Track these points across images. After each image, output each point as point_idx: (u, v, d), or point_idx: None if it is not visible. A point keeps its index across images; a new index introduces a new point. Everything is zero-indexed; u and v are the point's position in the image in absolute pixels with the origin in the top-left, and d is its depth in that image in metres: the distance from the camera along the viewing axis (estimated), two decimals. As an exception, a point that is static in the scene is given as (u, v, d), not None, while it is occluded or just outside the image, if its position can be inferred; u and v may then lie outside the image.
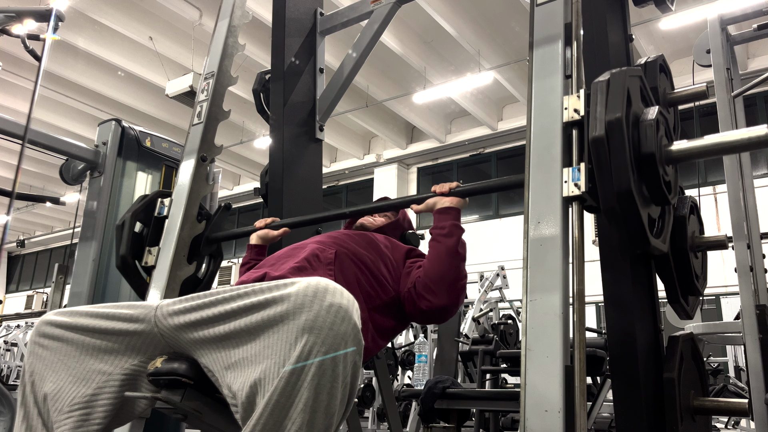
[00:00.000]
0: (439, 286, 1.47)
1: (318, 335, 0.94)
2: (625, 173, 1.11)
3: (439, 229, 1.52)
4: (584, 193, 1.19)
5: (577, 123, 1.25)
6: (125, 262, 1.96)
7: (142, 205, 2.03)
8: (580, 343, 1.10)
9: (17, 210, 16.51)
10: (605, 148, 1.13)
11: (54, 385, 1.15)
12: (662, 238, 1.29)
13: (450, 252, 1.49)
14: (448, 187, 1.56)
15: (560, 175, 1.23)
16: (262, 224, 1.89)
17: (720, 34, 2.81)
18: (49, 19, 2.01)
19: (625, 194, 1.12)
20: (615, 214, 1.15)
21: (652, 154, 1.18)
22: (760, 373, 2.37)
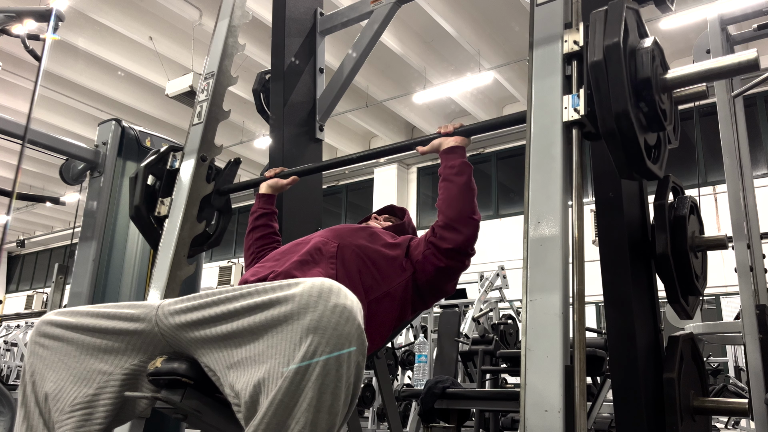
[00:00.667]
0: (459, 221, 1.51)
1: (323, 335, 0.94)
2: (623, 95, 1.16)
3: (449, 168, 1.55)
4: (583, 117, 1.24)
5: (576, 54, 1.30)
6: (139, 213, 2.04)
7: (155, 159, 2.11)
8: (580, 343, 1.10)
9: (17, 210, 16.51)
10: (603, 72, 1.18)
11: (55, 384, 1.15)
12: (658, 165, 1.32)
13: (464, 188, 1.53)
14: (453, 127, 1.59)
15: (560, 175, 1.23)
16: (271, 173, 1.95)
17: (720, 34, 2.81)
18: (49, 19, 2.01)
19: (623, 115, 1.16)
20: (613, 136, 1.19)
21: (648, 79, 1.22)
22: (760, 373, 2.37)
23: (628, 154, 1.21)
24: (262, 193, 1.95)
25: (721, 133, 2.67)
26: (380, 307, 1.48)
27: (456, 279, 1.60)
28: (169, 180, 2.09)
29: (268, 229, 1.93)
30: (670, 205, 1.52)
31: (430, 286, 1.56)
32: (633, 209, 1.54)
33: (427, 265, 1.53)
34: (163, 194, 2.08)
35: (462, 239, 1.51)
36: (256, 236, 1.91)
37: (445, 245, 1.50)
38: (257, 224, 1.92)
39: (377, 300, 1.48)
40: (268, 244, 1.90)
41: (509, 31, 9.18)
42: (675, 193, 1.61)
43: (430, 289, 1.58)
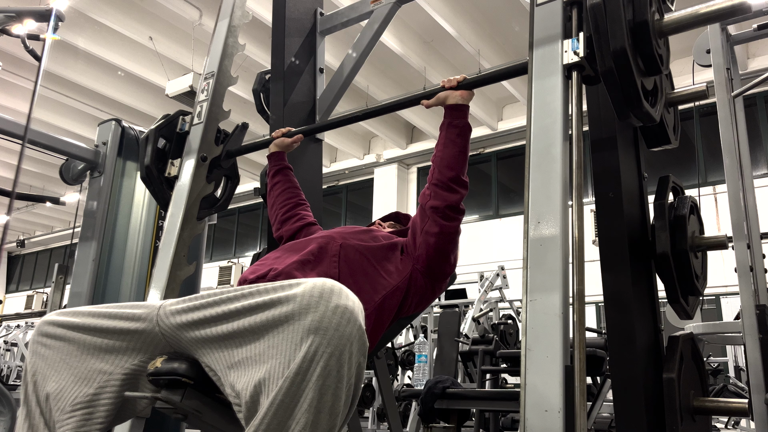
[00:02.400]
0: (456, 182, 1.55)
1: (324, 336, 0.94)
2: (621, 34, 1.21)
3: (453, 128, 1.58)
4: (583, 59, 1.28)
5: (576, 2, 1.34)
6: (150, 173, 2.12)
7: (165, 122, 2.18)
8: (580, 343, 1.10)
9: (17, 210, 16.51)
10: (602, 13, 1.23)
11: (56, 384, 1.16)
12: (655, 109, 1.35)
13: (462, 151, 1.57)
14: (457, 81, 1.61)
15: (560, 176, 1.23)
16: (278, 134, 2.03)
17: (720, 34, 2.81)
18: (49, 19, 2.01)
19: (621, 54, 1.21)
20: (612, 75, 1.23)
21: (645, 22, 1.27)
22: (760, 373, 2.36)
23: (625, 95, 1.25)
24: (272, 152, 2.03)
25: (721, 133, 2.67)
26: (385, 302, 1.48)
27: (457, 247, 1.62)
28: (179, 142, 2.16)
29: (287, 183, 1.99)
30: (670, 205, 1.52)
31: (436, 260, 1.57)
32: (633, 209, 1.54)
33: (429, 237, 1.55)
34: (173, 156, 2.15)
35: (457, 198, 1.55)
36: (277, 192, 1.97)
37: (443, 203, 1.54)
38: (276, 181, 1.99)
39: (387, 296, 1.48)
40: (290, 199, 1.95)
41: (509, 31, 9.18)
42: (675, 193, 1.61)
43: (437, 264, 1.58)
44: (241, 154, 2.16)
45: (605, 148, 1.55)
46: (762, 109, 9.33)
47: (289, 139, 2.02)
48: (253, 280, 1.42)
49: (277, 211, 1.93)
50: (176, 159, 2.14)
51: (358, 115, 1.88)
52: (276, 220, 1.93)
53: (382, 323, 1.49)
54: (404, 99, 1.76)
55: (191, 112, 2.20)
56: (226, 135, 2.20)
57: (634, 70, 1.23)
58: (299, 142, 2.05)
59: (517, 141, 11.07)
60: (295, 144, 2.05)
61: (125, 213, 2.77)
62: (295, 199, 1.95)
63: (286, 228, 1.90)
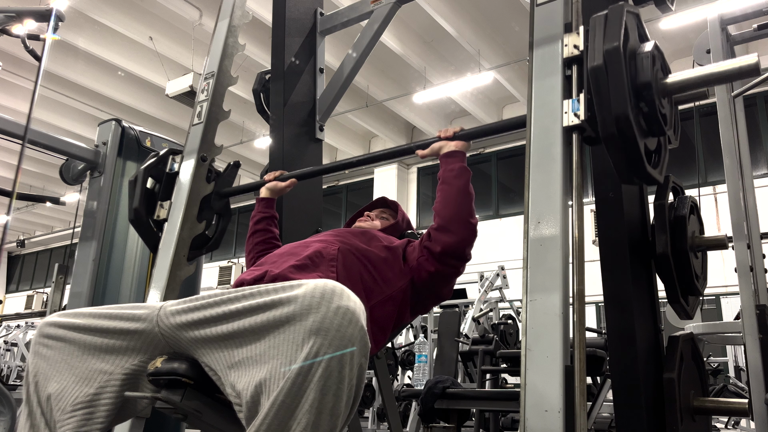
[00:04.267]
0: (454, 223, 1.50)
1: (325, 337, 0.94)
2: (623, 99, 1.15)
3: (448, 172, 1.54)
4: (584, 122, 1.23)
5: (576, 58, 1.29)
6: (138, 216, 2.03)
7: (155, 162, 2.09)
8: (580, 343, 1.10)
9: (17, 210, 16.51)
10: (604, 76, 1.17)
11: (58, 384, 1.16)
12: (658, 170, 1.32)
13: (461, 192, 1.52)
14: (453, 132, 1.58)
15: (560, 176, 1.23)
16: (271, 177, 1.94)
17: (720, 34, 2.81)
18: (49, 19, 2.01)
19: (623, 119, 1.15)
20: (613, 140, 1.18)
21: (648, 83, 1.21)
22: (760, 373, 2.36)
23: (628, 159, 1.20)
24: (261, 197, 1.95)
25: (721, 133, 2.67)
26: (382, 310, 1.48)
27: (452, 283, 1.61)
28: (169, 183, 2.07)
29: (268, 233, 1.93)
30: (670, 205, 1.52)
31: (427, 292, 1.57)
32: (633, 209, 1.54)
33: (422, 271, 1.53)
34: (163, 197, 2.06)
35: (455, 241, 1.50)
36: (256, 240, 1.91)
37: (438, 248, 1.50)
38: (257, 228, 1.92)
39: (380, 303, 1.47)
40: (268, 249, 1.89)
41: (509, 31, 9.18)
42: (675, 193, 1.61)
43: (427, 295, 1.58)
44: (232, 195, 2.09)
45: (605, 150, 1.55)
46: (762, 109, 9.33)
47: (283, 184, 1.93)
48: (250, 281, 1.42)
49: (253, 255, 1.90)
50: (165, 201, 2.04)
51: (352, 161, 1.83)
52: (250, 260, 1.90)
53: (381, 329, 1.48)
54: (400, 148, 1.74)
55: (181, 151, 2.11)
56: (218, 174, 2.10)
57: (637, 134, 1.18)
58: (293, 186, 1.95)
59: (517, 141, 11.07)
60: (288, 188, 1.95)
61: (125, 213, 2.76)
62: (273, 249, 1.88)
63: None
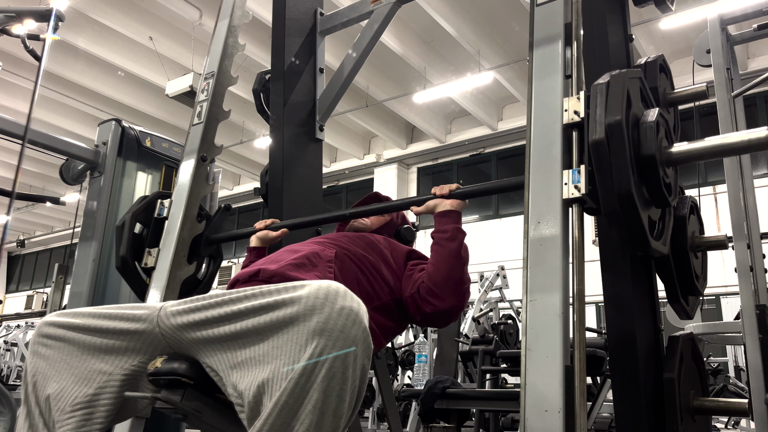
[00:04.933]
0: (443, 289, 1.46)
1: (329, 338, 0.94)
2: (626, 175, 1.11)
3: (441, 233, 1.51)
4: (584, 195, 1.19)
5: (577, 125, 1.25)
6: (125, 263, 1.96)
7: (142, 206, 2.03)
8: (580, 343, 1.10)
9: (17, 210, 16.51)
10: (605, 151, 1.12)
11: (57, 384, 1.16)
12: (662, 240, 1.29)
13: (453, 255, 1.48)
14: (448, 189, 1.55)
15: (560, 175, 1.23)
16: (261, 225, 1.88)
17: (720, 34, 2.81)
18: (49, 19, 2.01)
19: (626, 196, 1.12)
20: (616, 216, 1.15)
21: (652, 156, 1.18)
22: (760, 373, 2.37)
23: (630, 234, 1.17)
24: (252, 246, 1.87)
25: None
26: (376, 316, 1.47)
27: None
28: (157, 228, 2.01)
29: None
30: (670, 205, 1.52)
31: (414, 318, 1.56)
32: (633, 209, 1.53)
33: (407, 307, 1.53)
34: (151, 244, 1.99)
35: (445, 308, 1.47)
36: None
37: (427, 309, 1.48)
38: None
39: (374, 309, 1.47)
40: None
41: (509, 31, 9.18)
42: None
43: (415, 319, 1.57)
44: (222, 242, 2.06)
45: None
46: (762, 109, 9.33)
47: (274, 233, 1.86)
48: (245, 280, 1.41)
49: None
50: (153, 248, 1.97)
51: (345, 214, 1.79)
52: None
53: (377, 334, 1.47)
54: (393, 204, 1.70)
55: (170, 195, 2.05)
56: (208, 218, 2.05)
57: (640, 208, 1.14)
58: (284, 236, 1.87)
59: (517, 141, 11.07)
60: (279, 238, 1.87)
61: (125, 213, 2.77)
62: None
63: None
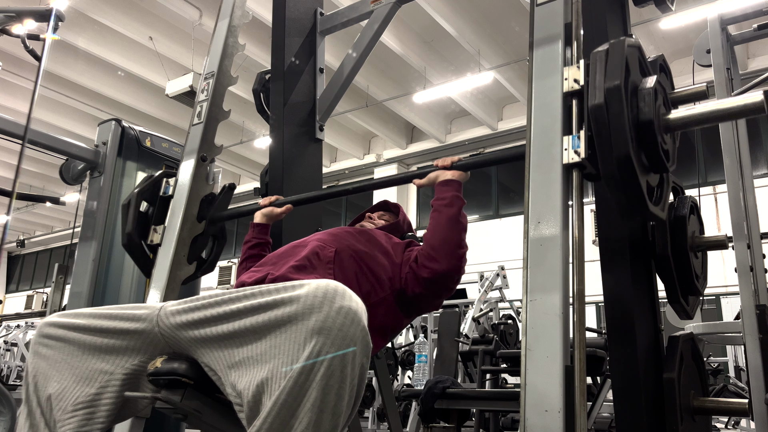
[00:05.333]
0: (441, 252, 1.47)
1: (327, 337, 0.95)
2: (624, 139, 1.13)
3: (440, 200, 1.53)
4: (584, 159, 1.21)
5: (576, 93, 1.27)
6: (131, 240, 1.99)
7: (148, 185, 2.06)
8: (580, 343, 1.10)
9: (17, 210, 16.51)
10: (604, 115, 1.15)
11: (58, 384, 1.16)
12: (661, 206, 1.30)
13: (451, 220, 1.50)
14: (450, 161, 1.57)
15: (560, 176, 1.23)
16: (266, 202, 1.91)
17: (720, 34, 2.81)
18: (49, 19, 2.01)
19: (624, 159, 1.14)
20: (614, 179, 1.17)
21: (650, 121, 1.19)
22: (760, 373, 2.37)
23: (629, 198, 1.18)
24: (256, 222, 1.90)
25: (721, 133, 2.68)
26: (377, 312, 1.47)
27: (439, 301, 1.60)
28: (163, 206, 2.03)
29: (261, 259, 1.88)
30: (670, 205, 1.52)
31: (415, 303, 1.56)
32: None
33: (407, 287, 1.52)
34: (156, 221, 2.01)
35: (441, 270, 1.47)
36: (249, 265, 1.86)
37: (424, 274, 1.48)
38: (251, 254, 1.87)
39: (375, 305, 1.47)
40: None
41: (509, 31, 9.18)
42: (675, 193, 1.61)
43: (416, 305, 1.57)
44: (226, 220, 2.07)
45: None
46: (762, 109, 9.32)
47: (279, 210, 1.89)
48: (251, 284, 1.42)
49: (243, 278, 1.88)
50: (159, 225, 2.00)
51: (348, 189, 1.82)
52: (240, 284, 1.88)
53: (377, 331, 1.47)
54: (396, 177, 1.72)
55: (174, 174, 2.08)
56: (213, 197, 2.07)
57: (639, 173, 1.16)
58: (288, 212, 1.91)
59: (517, 141, 11.06)
60: (284, 214, 1.91)
61: (125, 213, 2.77)
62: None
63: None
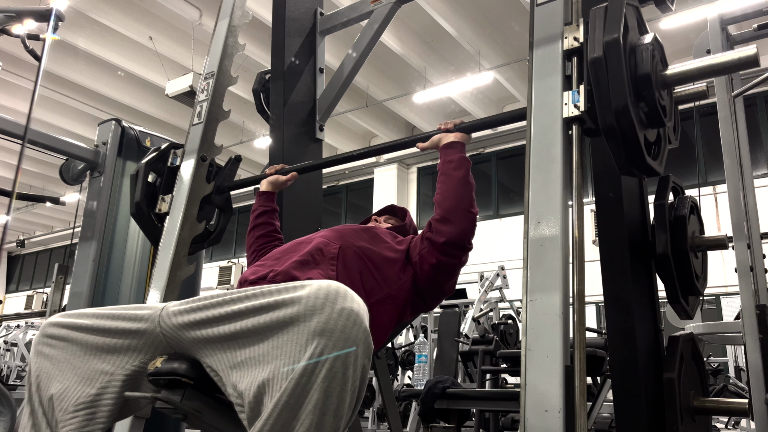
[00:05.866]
0: (454, 214, 1.49)
1: (329, 338, 0.95)
2: (623, 91, 1.16)
3: (447, 163, 1.54)
4: (583, 113, 1.24)
5: (576, 50, 1.30)
6: (140, 210, 2.05)
7: (156, 156, 2.11)
8: (580, 343, 1.10)
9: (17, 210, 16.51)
10: (603, 68, 1.18)
11: (60, 384, 1.16)
12: (658, 161, 1.32)
13: (461, 182, 1.51)
14: (453, 124, 1.59)
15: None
16: (272, 170, 1.95)
17: (720, 34, 2.81)
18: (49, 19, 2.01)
19: (623, 110, 1.16)
20: (613, 132, 1.19)
21: (647, 75, 1.22)
22: (760, 373, 2.36)
23: (627, 151, 1.21)
24: (262, 190, 1.94)
25: (721, 133, 2.67)
26: (382, 309, 1.48)
27: (455, 277, 1.59)
28: (170, 177, 2.10)
29: (269, 227, 1.92)
30: (670, 205, 1.52)
31: (430, 287, 1.55)
32: (633, 209, 1.54)
33: (424, 263, 1.52)
34: (164, 191, 2.08)
35: (457, 231, 1.49)
36: (257, 234, 1.90)
37: (441, 239, 1.49)
38: (258, 222, 1.91)
39: (379, 302, 1.47)
40: (270, 242, 1.89)
41: (509, 31, 9.18)
42: (675, 193, 1.61)
43: (430, 290, 1.57)
44: (233, 189, 2.10)
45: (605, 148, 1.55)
46: (762, 109, 9.33)
47: (284, 177, 1.93)
48: (253, 281, 1.42)
49: (254, 249, 1.90)
50: (167, 195, 2.07)
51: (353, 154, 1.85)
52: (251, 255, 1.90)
53: (381, 327, 1.48)
54: (400, 141, 1.74)
55: (182, 146, 2.13)
56: (219, 168, 2.12)
57: (636, 125, 1.18)
58: (293, 180, 1.96)
59: (517, 141, 11.07)
60: (289, 182, 1.95)
61: (125, 213, 2.77)
62: (274, 242, 1.91)
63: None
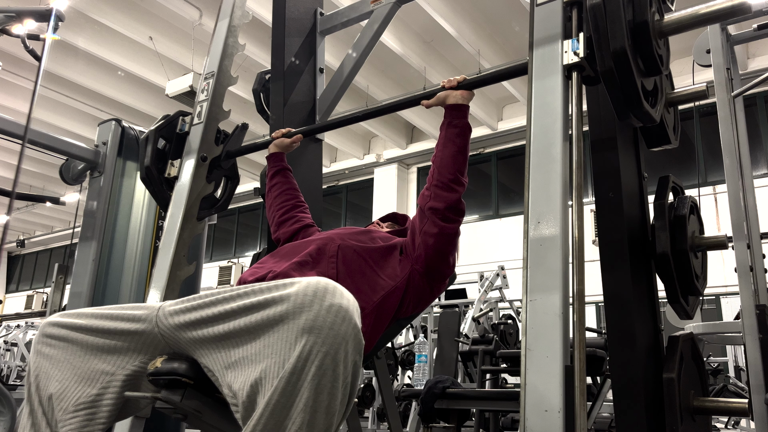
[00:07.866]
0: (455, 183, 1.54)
1: (318, 335, 0.95)
2: (621, 34, 1.22)
3: (452, 127, 1.57)
4: (583, 59, 1.28)
5: (576, 2, 1.35)
6: (149, 173, 2.12)
7: (165, 123, 2.18)
8: (580, 343, 1.10)
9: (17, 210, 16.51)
10: (603, 13, 1.23)
11: (60, 384, 1.16)
12: (656, 110, 1.36)
13: (461, 152, 1.56)
14: (457, 81, 1.61)
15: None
16: (278, 134, 2.03)
17: (720, 34, 2.81)
18: (49, 19, 2.01)
19: (621, 54, 1.21)
20: (611, 76, 1.24)
21: (645, 22, 1.27)
22: (760, 373, 2.36)
23: (625, 95, 1.25)
24: (271, 153, 2.03)
25: (721, 133, 2.67)
26: (385, 303, 1.48)
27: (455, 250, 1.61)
28: (179, 142, 2.16)
29: (285, 184, 1.99)
30: (670, 204, 1.52)
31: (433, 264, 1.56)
32: (633, 209, 1.54)
33: (427, 238, 1.53)
34: (173, 156, 2.15)
35: (456, 198, 1.54)
36: (275, 194, 1.96)
37: (442, 204, 1.53)
38: (274, 182, 1.98)
39: (386, 296, 1.48)
40: (288, 201, 1.94)
41: (509, 31, 9.17)
42: (675, 193, 1.61)
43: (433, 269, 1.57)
44: (241, 154, 2.16)
45: (605, 148, 1.55)
46: (762, 109, 9.33)
47: (289, 140, 2.01)
48: (252, 282, 1.42)
49: (274, 212, 1.94)
50: (176, 159, 2.14)
51: (359, 115, 1.88)
52: (273, 222, 1.94)
53: (381, 323, 1.49)
54: (404, 99, 1.76)
55: (191, 113, 2.19)
56: (226, 135, 2.20)
57: (634, 71, 1.23)
58: (299, 142, 2.04)
59: (517, 141, 11.06)
60: (295, 144, 2.04)
61: (125, 213, 2.77)
62: (293, 201, 1.95)
63: (284, 230, 1.90)
